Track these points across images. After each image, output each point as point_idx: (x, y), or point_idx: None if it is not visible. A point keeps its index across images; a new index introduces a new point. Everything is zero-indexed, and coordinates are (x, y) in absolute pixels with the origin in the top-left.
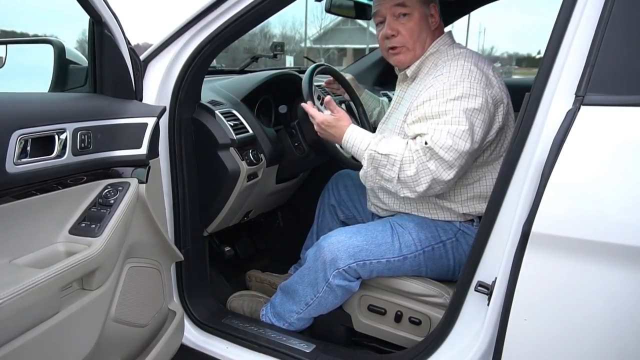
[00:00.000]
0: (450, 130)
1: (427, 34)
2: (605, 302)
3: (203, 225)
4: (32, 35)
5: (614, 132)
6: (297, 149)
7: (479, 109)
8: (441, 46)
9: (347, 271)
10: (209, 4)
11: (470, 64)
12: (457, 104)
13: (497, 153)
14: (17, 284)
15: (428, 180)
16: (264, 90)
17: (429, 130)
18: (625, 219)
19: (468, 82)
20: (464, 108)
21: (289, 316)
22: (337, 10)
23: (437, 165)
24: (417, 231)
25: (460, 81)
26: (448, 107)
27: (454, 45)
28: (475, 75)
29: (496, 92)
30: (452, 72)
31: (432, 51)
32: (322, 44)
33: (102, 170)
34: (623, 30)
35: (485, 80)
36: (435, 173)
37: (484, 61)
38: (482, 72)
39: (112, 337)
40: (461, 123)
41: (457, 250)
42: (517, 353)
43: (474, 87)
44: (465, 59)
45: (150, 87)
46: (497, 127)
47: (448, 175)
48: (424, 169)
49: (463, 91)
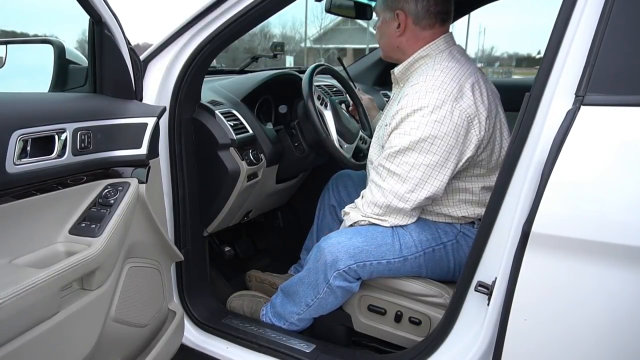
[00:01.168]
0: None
1: (390, 39)
2: (605, 302)
3: (203, 225)
4: (32, 35)
5: (614, 132)
6: (297, 149)
7: (439, 120)
8: (432, 51)
9: (347, 272)
10: (209, 4)
11: (445, 75)
12: (419, 113)
13: (487, 167)
14: (17, 284)
15: (390, 200)
16: (264, 90)
17: (388, 151)
18: (625, 219)
19: (437, 93)
20: (424, 120)
21: (289, 316)
22: (337, 10)
23: (392, 180)
24: (417, 232)
25: (430, 91)
26: (411, 118)
27: (449, 49)
28: (446, 87)
29: (467, 105)
30: (426, 83)
31: (421, 54)
32: (322, 44)
33: (102, 170)
34: (623, 30)
35: (456, 92)
36: (395, 191)
37: (465, 71)
38: (457, 82)
39: (112, 337)
40: (413, 134)
41: (457, 252)
42: (517, 353)
43: (440, 98)
44: (443, 70)
45: (150, 87)
46: (476, 142)
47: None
48: (380, 193)
49: (427, 102)
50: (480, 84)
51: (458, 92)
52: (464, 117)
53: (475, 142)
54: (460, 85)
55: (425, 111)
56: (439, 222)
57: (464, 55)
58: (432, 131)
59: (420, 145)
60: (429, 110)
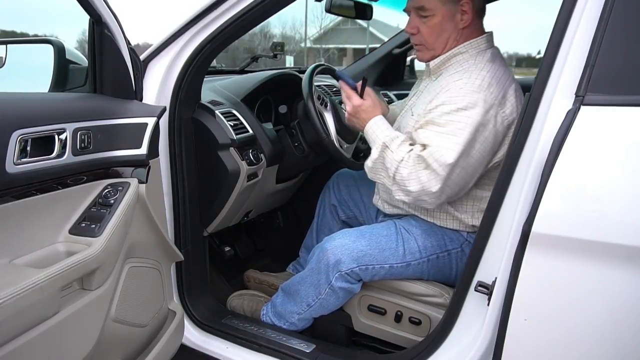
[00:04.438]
0: (447, 145)
1: (451, 33)
2: (605, 302)
3: (203, 225)
4: (32, 35)
5: (614, 132)
6: (297, 149)
7: (484, 124)
8: (471, 49)
9: (350, 274)
10: (209, 4)
11: (490, 77)
12: (464, 114)
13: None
14: (17, 284)
15: (417, 188)
16: (264, 90)
17: (430, 141)
18: (625, 219)
19: (483, 94)
20: (470, 121)
21: (289, 316)
22: (337, 10)
23: (429, 176)
24: (423, 238)
25: (476, 92)
26: (454, 117)
27: (488, 50)
28: (493, 90)
29: (509, 112)
30: (471, 81)
31: (460, 51)
32: (322, 44)
33: (102, 170)
34: (623, 30)
35: (501, 97)
36: (425, 184)
37: (508, 76)
38: (502, 87)
39: (112, 337)
40: (461, 135)
41: (461, 260)
42: (517, 353)
43: (488, 101)
44: (489, 70)
45: (150, 87)
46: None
47: (435, 186)
48: (416, 176)
49: (474, 102)
50: (519, 91)
51: (502, 98)
52: (505, 124)
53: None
54: (505, 90)
55: (471, 112)
56: (446, 228)
57: (503, 59)
58: (475, 134)
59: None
60: (476, 112)
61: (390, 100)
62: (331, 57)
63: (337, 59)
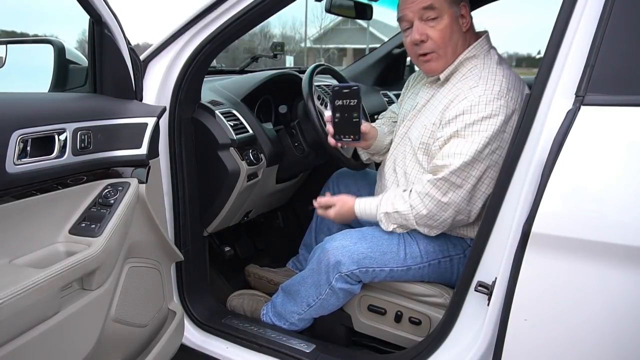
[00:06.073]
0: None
1: (459, 37)
2: (605, 302)
3: (203, 225)
4: (32, 35)
5: (614, 132)
6: (297, 149)
7: (504, 130)
8: (478, 51)
9: (350, 276)
10: (209, 4)
11: (507, 82)
12: (489, 122)
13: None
14: (17, 284)
15: (450, 214)
16: (264, 90)
17: (451, 161)
18: (625, 219)
19: (504, 100)
20: (493, 129)
21: (290, 316)
22: (337, 10)
23: (455, 195)
24: (425, 242)
25: (497, 98)
26: (478, 127)
27: (491, 51)
28: (512, 94)
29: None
30: (489, 87)
31: (468, 55)
32: (322, 44)
33: (102, 170)
34: (623, 30)
35: (520, 101)
36: (458, 205)
37: (517, 78)
38: (519, 92)
39: (112, 337)
40: (481, 143)
41: (462, 265)
42: (517, 353)
43: (510, 107)
44: (504, 74)
45: (150, 87)
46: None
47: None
48: (439, 209)
49: (498, 110)
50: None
51: (520, 102)
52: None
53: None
54: (521, 94)
55: (495, 120)
56: (451, 235)
57: (504, 59)
58: (500, 142)
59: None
60: (501, 120)
61: (390, 100)
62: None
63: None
